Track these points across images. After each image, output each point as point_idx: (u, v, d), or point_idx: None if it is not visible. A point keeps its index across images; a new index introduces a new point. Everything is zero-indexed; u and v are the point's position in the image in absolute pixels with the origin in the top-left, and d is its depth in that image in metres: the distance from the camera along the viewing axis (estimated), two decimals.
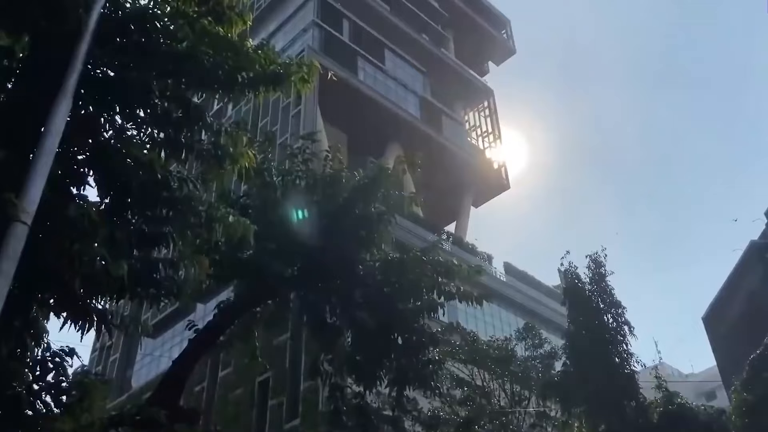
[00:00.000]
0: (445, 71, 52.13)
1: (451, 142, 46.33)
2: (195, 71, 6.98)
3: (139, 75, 6.83)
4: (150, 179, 6.78)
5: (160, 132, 7.21)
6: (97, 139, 6.92)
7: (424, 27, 52.70)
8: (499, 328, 33.03)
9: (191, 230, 7.12)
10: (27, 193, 4.99)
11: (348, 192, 10.97)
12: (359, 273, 10.67)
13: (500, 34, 61.37)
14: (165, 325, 32.23)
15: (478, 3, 59.88)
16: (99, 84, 6.83)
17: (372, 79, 43.55)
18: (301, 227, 10.47)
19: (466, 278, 11.57)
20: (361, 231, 10.77)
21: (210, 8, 7.83)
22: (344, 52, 42.54)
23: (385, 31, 47.20)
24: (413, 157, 11.95)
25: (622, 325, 19.10)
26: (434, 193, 38.00)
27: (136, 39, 6.74)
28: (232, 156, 7.29)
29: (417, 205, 12.51)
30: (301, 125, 34.14)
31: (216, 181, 7.60)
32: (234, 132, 7.50)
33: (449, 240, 37.61)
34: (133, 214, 6.89)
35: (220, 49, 7.09)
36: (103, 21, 6.35)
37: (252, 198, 11.09)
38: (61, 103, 5.55)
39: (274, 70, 7.38)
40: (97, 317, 6.46)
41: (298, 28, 43.18)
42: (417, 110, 45.92)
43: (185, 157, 7.27)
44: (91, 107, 6.91)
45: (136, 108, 7.03)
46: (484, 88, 56.02)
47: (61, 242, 6.07)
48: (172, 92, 7.12)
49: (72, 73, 5.72)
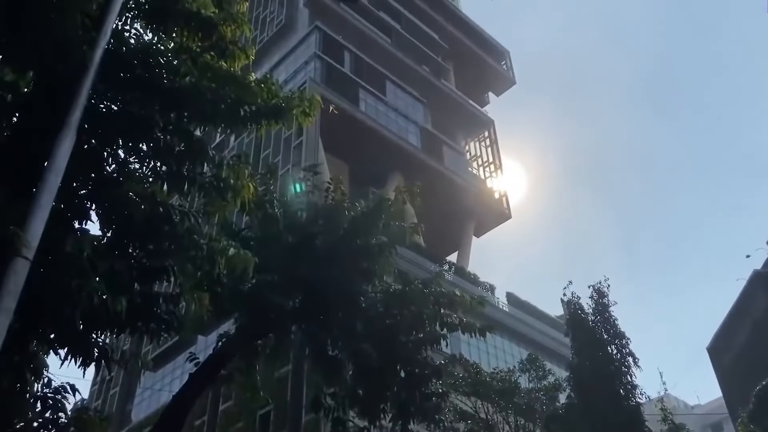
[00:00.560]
0: (446, 102, 52.59)
1: (452, 172, 46.52)
2: (198, 105, 7.04)
3: (142, 109, 6.89)
4: (152, 213, 6.79)
5: (163, 165, 7.24)
6: (100, 173, 6.95)
7: (424, 58, 53.30)
8: (503, 360, 32.75)
9: (193, 263, 7.12)
10: (29, 228, 4.98)
11: (349, 223, 10.98)
12: (361, 305, 10.62)
13: (500, 65, 62.05)
14: (165, 357, 32.00)
15: (477, 35, 60.69)
16: (102, 118, 6.89)
17: (373, 110, 43.91)
18: (303, 259, 10.46)
19: (468, 309, 11.50)
20: (363, 262, 10.75)
21: (213, 43, 7.96)
22: (346, 83, 42.98)
23: (386, 63, 47.73)
24: (413, 187, 11.97)
25: (627, 357, 18.95)
26: (436, 223, 37.98)
27: (140, 74, 6.81)
28: (233, 188, 7.32)
29: (418, 234, 12.49)
30: (303, 156, 34.34)
31: (218, 213, 7.61)
32: (236, 165, 7.54)
33: (451, 270, 37.51)
34: (134, 248, 6.88)
35: (222, 83, 7.17)
36: (107, 56, 6.42)
37: (254, 230, 11.09)
38: (65, 138, 5.57)
39: (276, 103, 7.45)
40: (98, 352, 6.41)
41: (301, 60, 43.67)
42: (418, 141, 46.21)
43: (187, 190, 7.30)
44: (93, 141, 6.96)
45: (138, 142, 7.08)
46: (485, 118, 56.45)
47: (61, 277, 6.05)
48: (174, 126, 7.18)
49: (75, 109, 5.75)
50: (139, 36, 7.69)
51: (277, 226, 10.74)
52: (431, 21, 56.22)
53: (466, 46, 58.69)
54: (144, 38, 7.74)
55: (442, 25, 57.02)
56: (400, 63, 49.23)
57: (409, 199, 11.66)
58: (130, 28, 7.63)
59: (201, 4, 7.98)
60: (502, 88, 63.04)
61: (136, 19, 7.62)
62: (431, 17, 56.33)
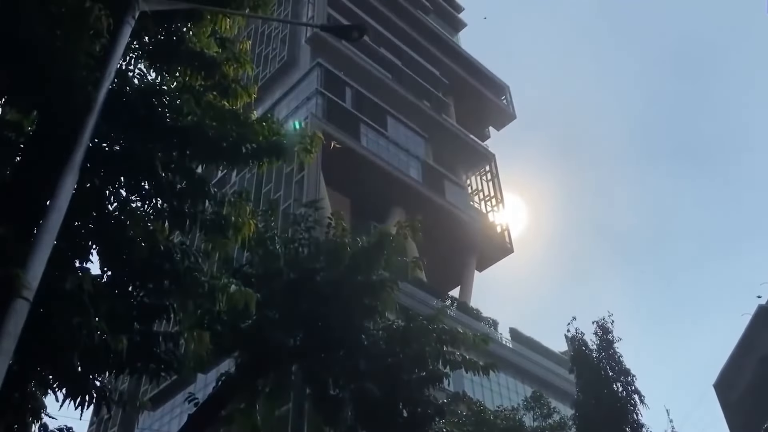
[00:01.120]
0: (447, 136, 52.93)
1: (453, 207, 46.58)
2: (200, 144, 7.07)
3: (144, 148, 6.92)
4: (153, 251, 6.78)
5: (164, 203, 7.24)
6: (101, 212, 6.95)
7: (425, 93, 53.83)
8: (507, 397, 32.33)
9: (193, 301, 7.08)
10: (29, 269, 4.95)
11: (350, 259, 10.93)
12: (363, 342, 10.51)
13: (500, 100, 62.62)
14: (164, 396, 31.61)
15: (477, 70, 61.37)
16: (105, 157, 6.91)
17: (374, 145, 44.19)
18: (304, 296, 10.39)
19: (471, 347, 11.38)
20: (364, 299, 10.68)
21: (216, 82, 8.05)
22: (347, 118, 43.33)
23: (387, 98, 48.19)
24: (415, 222, 11.96)
25: (633, 394, 18.70)
26: (438, 258, 37.88)
27: (143, 113, 6.85)
28: (235, 226, 7.32)
29: (420, 270, 12.44)
30: (305, 191, 34.44)
31: (219, 251, 7.58)
32: (237, 202, 7.55)
33: (453, 305, 37.28)
34: (135, 287, 6.85)
35: (224, 121, 7.21)
36: (111, 96, 6.46)
37: (255, 267, 11.05)
38: (67, 178, 5.56)
39: (277, 140, 7.48)
40: (96, 394, 6.32)
41: (302, 96, 44.12)
42: (419, 175, 46.39)
43: (188, 228, 7.29)
44: (96, 180, 6.97)
45: (140, 180, 7.09)
46: (486, 152, 56.74)
47: (61, 316, 6.00)
48: (176, 164, 7.20)
49: (79, 148, 5.74)
50: (143, 76, 7.78)
51: (278, 262, 10.70)
52: (432, 57, 56.91)
53: (467, 81, 59.31)
54: (148, 78, 7.83)
55: (442, 60, 57.70)
56: (401, 98, 49.71)
57: (411, 235, 11.63)
58: (134, 68, 7.73)
59: (204, 44, 8.10)
60: (503, 122, 63.50)
61: (140, 60, 7.72)
62: (432, 53, 57.04)
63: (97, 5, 5.59)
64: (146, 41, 7.92)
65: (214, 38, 8.32)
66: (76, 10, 5.61)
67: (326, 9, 48.02)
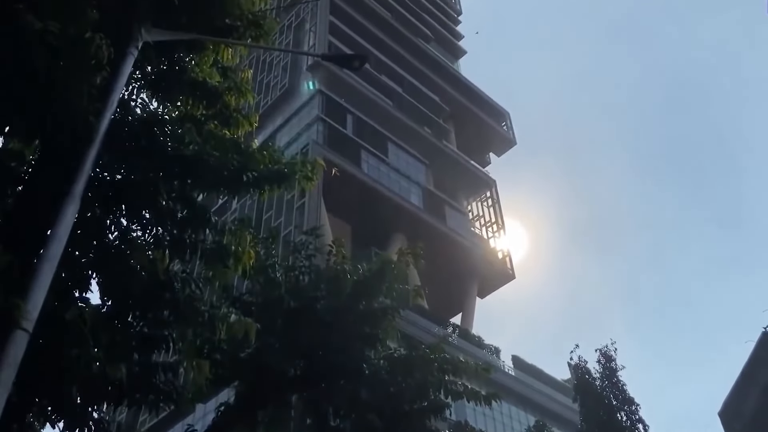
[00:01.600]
0: (448, 163, 53.10)
1: (455, 233, 46.54)
2: (201, 173, 7.07)
3: (146, 177, 6.93)
4: (153, 280, 6.75)
5: (165, 232, 7.23)
6: (102, 241, 6.94)
7: (425, 120, 54.13)
8: (509, 426, 31.97)
9: (193, 330, 7.03)
10: (29, 299, 4.92)
11: (351, 287, 10.89)
12: (364, 372, 10.41)
13: (500, 126, 62.93)
14: (163, 426, 31.23)
15: (477, 97, 61.79)
16: (106, 186, 6.92)
17: (375, 171, 44.32)
18: (305, 324, 10.32)
19: (474, 375, 11.28)
20: (366, 327, 10.62)
21: (217, 111, 8.09)
22: (348, 145, 43.53)
23: (387, 125, 48.45)
24: (416, 249, 11.94)
25: (637, 423, 18.48)
26: (439, 284, 37.74)
27: (145, 143, 6.87)
28: (235, 255, 7.29)
29: (421, 298, 12.38)
30: (306, 217, 34.45)
31: (219, 279, 7.55)
32: (238, 230, 7.54)
33: (455, 332, 37.04)
34: (135, 317, 6.81)
35: (225, 150, 7.23)
36: (113, 125, 6.49)
37: (255, 295, 11.00)
38: (68, 207, 5.55)
39: (278, 168, 7.49)
40: (95, 426, 6.25)
41: (304, 122, 44.38)
42: (420, 201, 46.44)
43: (189, 257, 7.27)
44: (97, 209, 6.97)
45: (141, 209, 7.08)
46: (486, 178, 56.87)
47: (60, 347, 5.96)
48: (177, 192, 7.20)
49: (80, 178, 5.75)
50: (145, 105, 7.83)
51: (278, 290, 10.66)
52: (432, 84, 57.35)
53: (467, 107, 59.68)
54: (150, 107, 7.88)
55: (442, 87, 58.14)
56: (401, 125, 49.98)
57: (413, 262, 11.62)
58: (137, 98, 7.78)
59: (206, 74, 8.15)
60: (503, 148, 63.75)
61: (142, 89, 7.77)
62: (432, 80, 57.50)
63: (97, 35, 5.63)
64: (148, 71, 7.98)
65: (216, 67, 8.39)
66: (77, 41, 5.65)
67: (327, 37, 48.48)
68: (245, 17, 8.15)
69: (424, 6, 64.39)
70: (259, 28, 8.34)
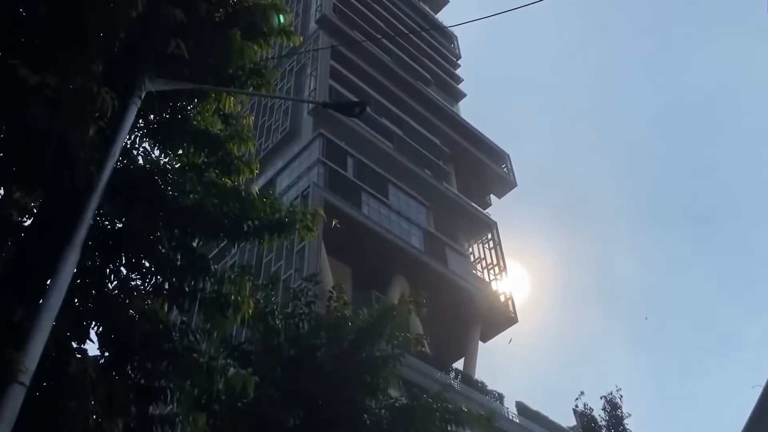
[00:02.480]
0: (448, 205, 53.24)
1: (456, 275, 46.34)
2: (202, 222, 7.08)
3: (146, 226, 6.92)
4: (152, 331, 6.69)
5: (164, 281, 7.20)
6: (101, 290, 6.89)
7: (426, 162, 54.47)
8: None
9: (191, 381, 6.93)
10: (27, 352, 4.85)
11: (352, 334, 10.79)
12: (365, 422, 10.22)
13: (500, 168, 63.29)
14: None
15: (477, 139, 62.31)
16: (106, 235, 6.91)
17: (376, 214, 44.39)
18: (305, 373, 10.18)
19: (476, 424, 11.08)
20: (366, 376, 10.47)
21: (218, 158, 8.14)
22: (348, 187, 43.71)
23: (388, 167, 48.73)
24: (418, 296, 11.88)
25: None
26: (441, 328, 37.46)
27: (146, 193, 6.88)
28: (235, 304, 7.24)
29: (423, 346, 12.25)
30: (306, 261, 34.36)
31: (218, 330, 7.47)
32: (238, 278, 7.50)
33: (458, 378, 36.53)
34: (133, 368, 6.72)
35: (226, 198, 7.25)
36: (114, 174, 6.51)
37: (254, 343, 10.88)
38: (69, 257, 5.54)
39: (279, 218, 7.50)
40: None
41: (304, 165, 44.65)
42: (421, 243, 46.39)
43: (188, 307, 7.22)
44: (96, 257, 6.94)
45: (141, 258, 7.06)
46: (487, 220, 56.92)
47: (57, 400, 5.86)
48: (177, 241, 7.19)
49: (81, 228, 5.75)
50: (147, 153, 7.87)
51: (278, 338, 10.55)
52: (432, 126, 57.89)
53: (467, 150, 60.11)
54: (152, 155, 7.92)
55: (442, 129, 58.67)
56: (402, 167, 50.28)
57: (414, 310, 11.54)
58: (139, 146, 7.83)
59: (208, 121, 8.24)
60: (503, 190, 64.00)
61: (144, 138, 7.83)
62: (432, 123, 58.07)
63: (103, 89, 5.69)
64: (151, 119, 8.06)
65: (218, 114, 8.48)
66: (78, 93, 5.71)
67: (328, 81, 49.15)
68: (247, 66, 8.27)
69: (424, 50, 65.46)
70: (261, 76, 8.46)
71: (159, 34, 6.80)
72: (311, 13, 58.62)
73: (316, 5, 58.48)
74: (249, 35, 7.91)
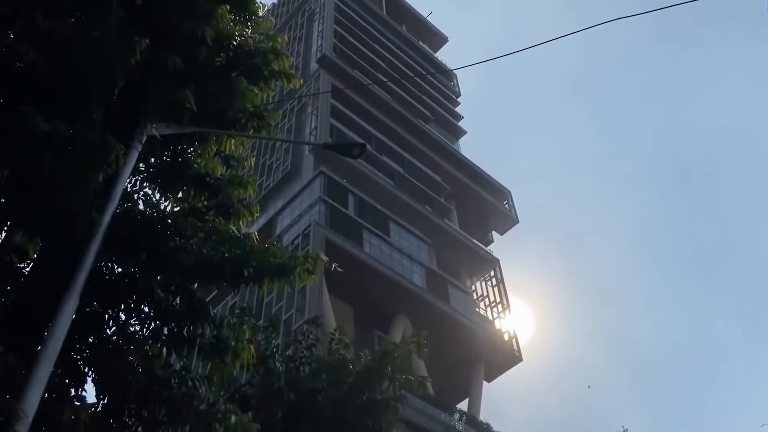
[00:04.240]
0: (450, 242, 53.07)
1: (459, 313, 45.89)
2: (202, 267, 7.03)
3: (145, 271, 6.88)
4: (150, 377, 6.60)
5: (163, 326, 7.13)
6: (100, 337, 6.83)
7: (427, 199, 54.53)
8: None
9: (191, 429, 6.81)
10: (25, 400, 4.79)
11: (354, 378, 10.65)
12: None
13: (502, 204, 63.29)
14: None
15: (478, 176, 62.49)
16: (105, 281, 6.87)
17: (377, 251, 44.22)
18: (305, 417, 10.02)
19: None
20: (368, 420, 10.32)
21: (219, 202, 8.14)
22: (350, 225, 43.66)
23: (389, 205, 48.75)
24: (420, 337, 11.76)
25: None
26: (444, 368, 36.96)
27: (146, 240, 6.85)
28: (234, 350, 7.16)
29: (425, 390, 12.09)
30: (308, 301, 34.10)
31: (217, 375, 7.36)
32: (237, 323, 7.44)
33: (462, 419, 35.90)
34: (130, 416, 6.60)
35: (227, 245, 7.22)
36: (114, 220, 6.49)
37: (255, 387, 10.73)
38: (68, 304, 5.51)
39: (279, 263, 7.45)
40: None
41: (305, 203, 44.68)
42: (423, 281, 46.09)
43: (187, 352, 7.14)
44: (95, 304, 6.89)
45: (140, 303, 7.01)
46: (490, 257, 56.64)
47: None
48: (177, 287, 7.14)
49: (80, 274, 5.72)
50: (148, 197, 7.88)
51: (278, 382, 10.41)
52: (433, 163, 58.11)
53: (468, 186, 60.20)
54: (152, 199, 7.93)
55: (443, 167, 58.83)
56: (403, 204, 50.30)
57: (416, 351, 11.41)
58: (139, 190, 7.84)
59: (209, 165, 8.27)
60: (505, 227, 63.85)
61: (144, 182, 7.84)
62: (433, 160, 58.28)
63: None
64: (151, 162, 8.09)
65: (219, 156, 8.52)
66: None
67: (329, 120, 49.53)
68: (248, 109, 8.34)
69: (424, 89, 66.12)
70: (262, 119, 8.54)
71: (159, 79, 6.87)
72: (312, 53, 59.44)
73: (316, 45, 59.32)
74: (250, 78, 8.00)
